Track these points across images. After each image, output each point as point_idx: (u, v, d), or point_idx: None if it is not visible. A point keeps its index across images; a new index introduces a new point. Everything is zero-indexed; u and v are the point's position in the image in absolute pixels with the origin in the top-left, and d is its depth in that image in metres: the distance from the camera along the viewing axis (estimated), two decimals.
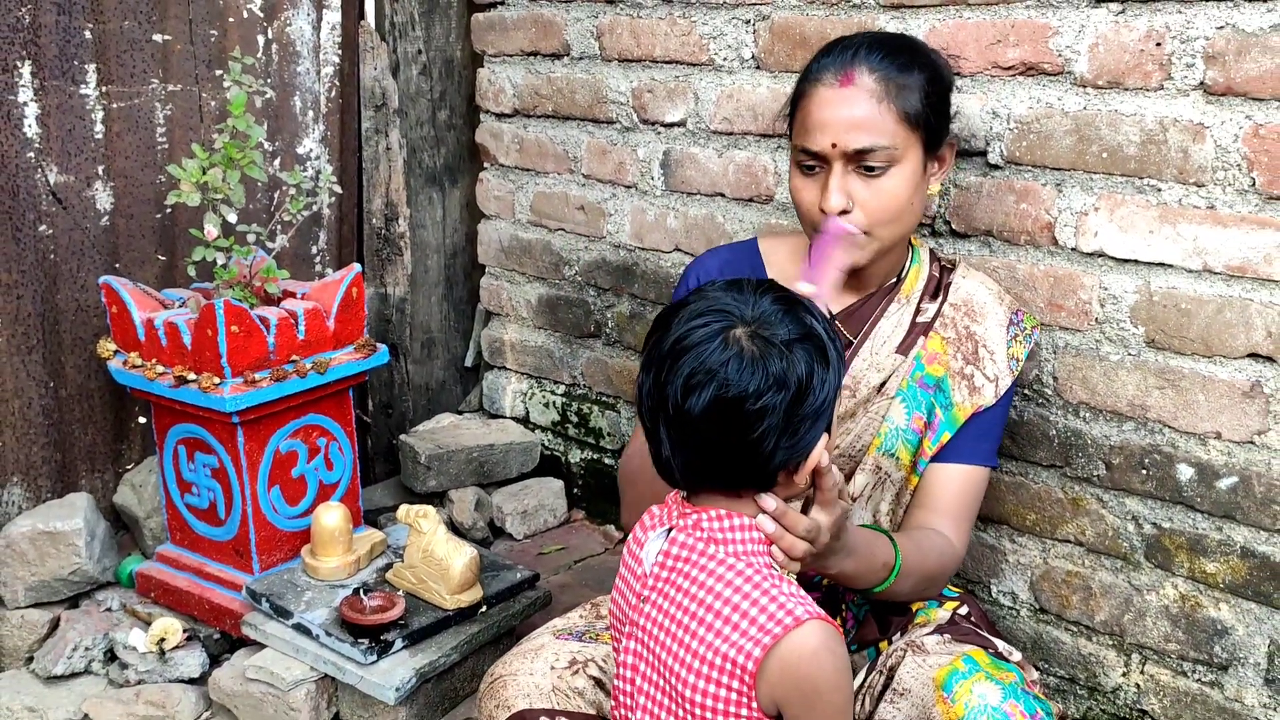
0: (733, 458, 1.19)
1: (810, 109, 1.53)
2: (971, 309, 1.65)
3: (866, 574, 1.44)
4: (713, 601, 1.18)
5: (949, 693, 1.40)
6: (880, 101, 1.50)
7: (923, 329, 1.64)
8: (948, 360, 1.63)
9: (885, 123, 1.50)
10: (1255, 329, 1.60)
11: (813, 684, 1.15)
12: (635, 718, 1.25)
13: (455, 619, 1.94)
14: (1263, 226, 1.56)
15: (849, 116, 1.49)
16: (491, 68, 2.61)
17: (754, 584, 1.18)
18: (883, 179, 1.51)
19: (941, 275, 1.68)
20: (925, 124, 1.53)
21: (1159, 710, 1.79)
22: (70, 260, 2.17)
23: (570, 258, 2.56)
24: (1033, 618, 1.93)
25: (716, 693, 1.17)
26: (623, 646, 1.28)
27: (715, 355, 1.16)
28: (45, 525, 2.07)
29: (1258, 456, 1.63)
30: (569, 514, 2.68)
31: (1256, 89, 1.54)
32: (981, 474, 1.62)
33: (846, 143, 1.49)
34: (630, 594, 1.28)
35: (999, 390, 1.63)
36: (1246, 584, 1.67)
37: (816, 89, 1.53)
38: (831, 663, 1.15)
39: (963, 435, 1.62)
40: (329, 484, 2.16)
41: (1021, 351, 1.65)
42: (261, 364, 1.96)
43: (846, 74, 1.51)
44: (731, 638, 1.16)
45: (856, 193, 1.51)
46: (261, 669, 1.87)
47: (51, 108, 2.08)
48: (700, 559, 1.21)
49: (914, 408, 1.61)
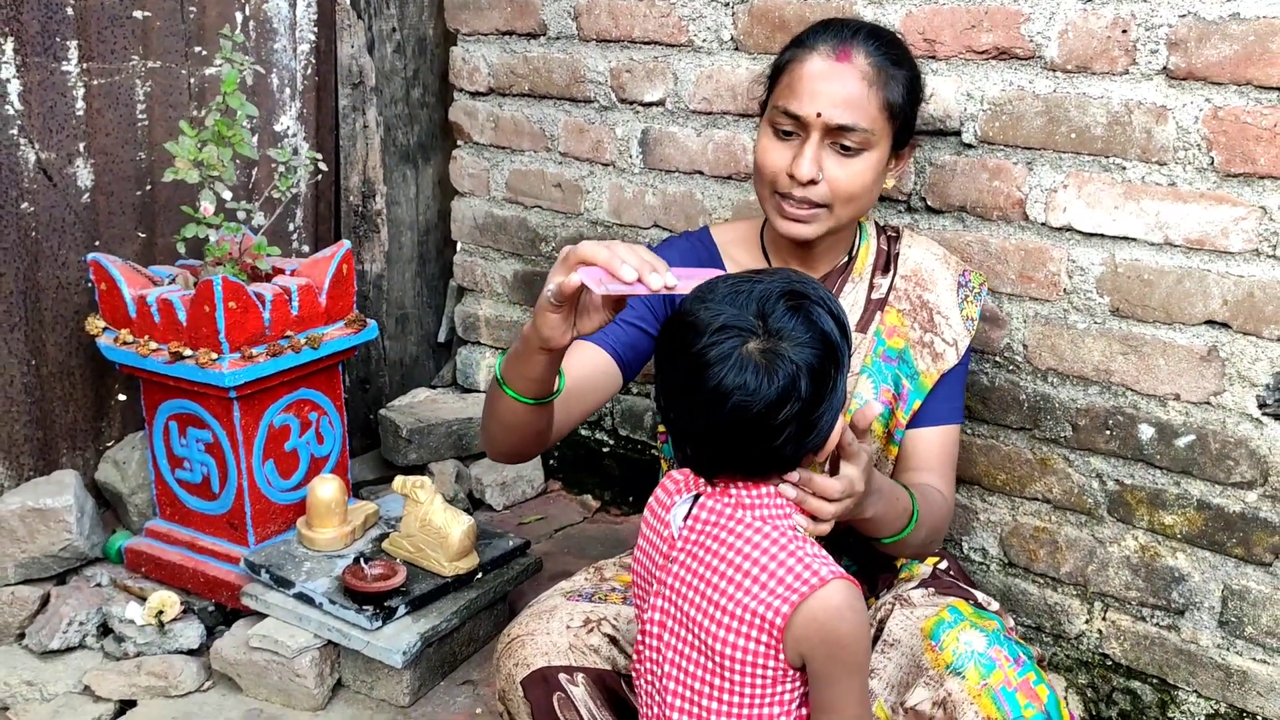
0: (755, 460, 1.26)
1: (801, 74, 1.56)
2: (921, 278, 1.73)
3: (891, 518, 1.50)
4: (741, 561, 1.26)
5: (937, 641, 1.49)
6: (870, 85, 1.55)
7: (878, 304, 1.71)
8: (906, 331, 1.70)
9: (870, 107, 1.55)
10: (1212, 297, 1.72)
11: (837, 638, 1.23)
12: (663, 670, 1.33)
13: (454, 585, 2.00)
14: (1220, 202, 1.69)
15: (840, 91, 1.54)
16: (465, 46, 2.64)
17: (780, 545, 1.25)
18: (854, 160, 1.56)
19: (889, 247, 1.75)
20: (901, 118, 1.59)
21: (1119, 654, 1.93)
22: (51, 238, 2.16)
23: (547, 234, 2.61)
24: (1002, 571, 2.04)
25: (745, 645, 1.25)
26: (649, 604, 1.35)
27: (731, 376, 1.19)
28: (35, 502, 2.08)
29: (1213, 416, 1.76)
30: (546, 485, 2.74)
31: (1216, 74, 1.65)
32: (956, 430, 1.73)
33: (832, 116, 1.53)
34: (657, 555, 1.35)
35: (959, 351, 1.71)
36: (1202, 534, 1.80)
37: (810, 56, 1.56)
38: (854, 618, 1.23)
39: (933, 399, 1.70)
40: (320, 457, 2.20)
41: (974, 310, 1.74)
42: (257, 339, 1.99)
43: (844, 50, 1.56)
44: (760, 595, 1.24)
45: (827, 167, 1.56)
46: (265, 637, 1.91)
47: (33, 84, 2.07)
48: (729, 522, 1.28)
49: (880, 381, 1.69)
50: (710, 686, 1.29)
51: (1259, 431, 1.72)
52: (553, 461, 2.75)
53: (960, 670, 1.44)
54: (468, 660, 2.06)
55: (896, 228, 1.79)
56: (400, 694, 1.92)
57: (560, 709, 1.52)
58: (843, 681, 1.25)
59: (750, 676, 1.26)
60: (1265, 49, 1.60)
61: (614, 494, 2.66)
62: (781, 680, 1.27)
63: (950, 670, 1.45)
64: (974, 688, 1.43)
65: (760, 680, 1.26)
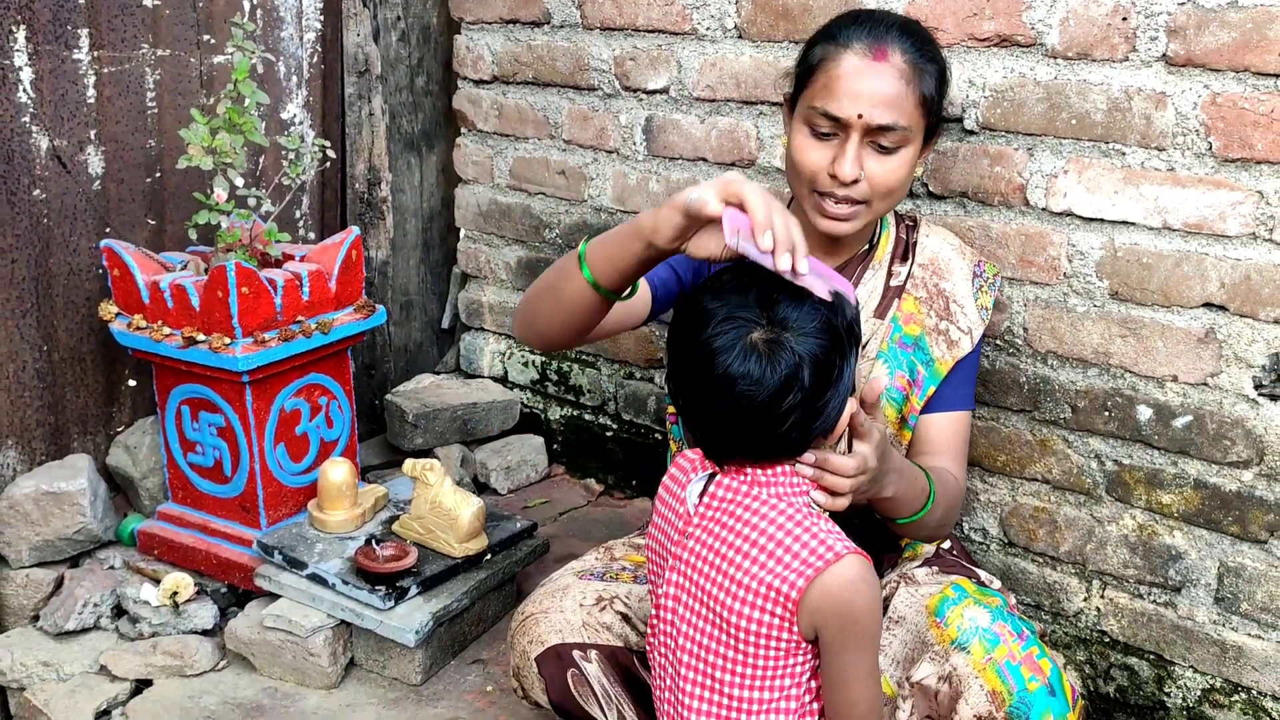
0: (763, 445, 1.29)
1: (838, 75, 1.56)
2: (938, 267, 1.76)
3: (910, 498, 1.53)
4: (757, 537, 1.29)
5: (941, 618, 1.53)
6: (908, 83, 1.55)
7: (896, 291, 1.75)
8: (923, 319, 1.74)
9: (908, 103, 1.56)
10: (1210, 280, 1.75)
11: (850, 611, 1.26)
12: (677, 644, 1.36)
13: (464, 566, 2.04)
14: (1218, 187, 1.72)
15: (880, 92, 1.54)
16: (469, 35, 2.66)
17: (795, 521, 1.29)
18: (892, 157, 1.58)
19: (908, 236, 1.78)
20: (934, 111, 1.61)
21: (1117, 630, 1.97)
22: (63, 224, 2.18)
23: (551, 221, 2.64)
24: (1001, 551, 2.08)
25: (760, 618, 1.29)
26: (664, 579, 1.38)
27: (735, 365, 1.24)
28: (49, 486, 2.10)
29: (1210, 397, 1.79)
30: (549, 469, 2.78)
31: (1214, 61, 1.69)
32: (968, 416, 1.76)
33: (873, 117, 1.54)
34: (672, 531, 1.39)
35: (974, 340, 1.75)
36: (1199, 513, 1.84)
37: (845, 56, 1.56)
38: (867, 592, 1.27)
39: (946, 385, 1.74)
40: (329, 441, 2.23)
41: (988, 300, 1.78)
42: (269, 324, 2.01)
43: (880, 49, 1.55)
44: (776, 569, 1.27)
45: (866, 165, 1.57)
46: (280, 617, 1.94)
47: (45, 72, 2.09)
48: (744, 499, 1.32)
49: (896, 367, 1.72)
50: (723, 659, 1.32)
51: (1255, 412, 1.75)
52: (556, 446, 2.78)
53: (965, 645, 1.48)
54: (477, 640, 2.09)
55: (914, 217, 1.81)
56: (412, 672, 1.95)
57: (574, 685, 1.56)
58: (855, 654, 1.29)
59: (763, 649, 1.30)
60: (1263, 36, 1.63)
61: (617, 478, 2.69)
62: (793, 653, 1.30)
63: (955, 645, 1.48)
64: (979, 662, 1.46)
65: (773, 652, 1.30)
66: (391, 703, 1.93)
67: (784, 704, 1.32)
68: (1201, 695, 1.88)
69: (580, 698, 1.56)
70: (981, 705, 1.44)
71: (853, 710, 1.31)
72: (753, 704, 1.33)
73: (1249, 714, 1.83)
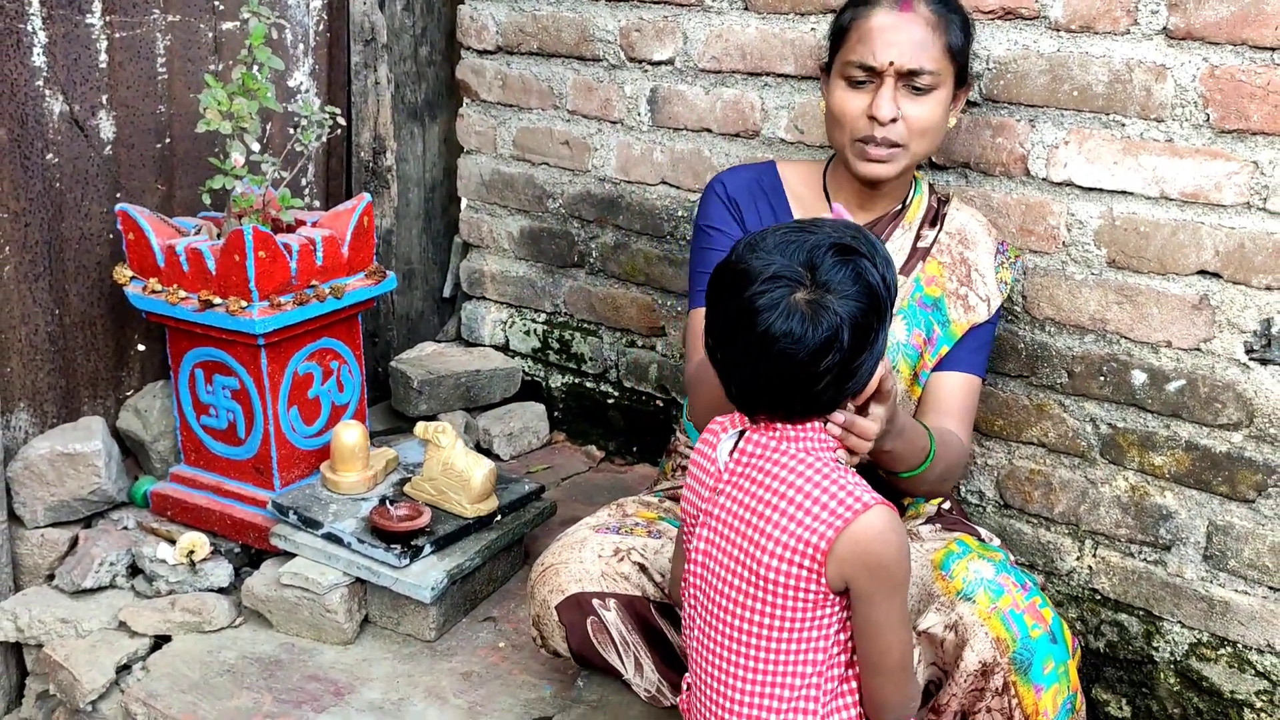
0: (796, 402, 1.34)
1: (869, 28, 1.70)
2: (965, 237, 1.85)
3: (909, 454, 1.60)
4: (786, 490, 1.34)
5: (947, 571, 1.59)
6: (934, 30, 1.69)
7: (922, 254, 1.83)
8: (944, 282, 1.82)
9: (935, 49, 1.69)
10: (1205, 249, 1.82)
11: (879, 560, 1.30)
12: (708, 598, 1.41)
13: (475, 526, 2.08)
14: (1214, 157, 1.78)
15: (908, 39, 1.68)
16: (473, 5, 2.69)
17: (824, 474, 1.33)
18: (925, 98, 1.71)
19: (939, 206, 1.88)
20: (960, 58, 1.73)
21: (1108, 588, 2.04)
22: (75, 189, 2.20)
23: (554, 191, 2.67)
24: (997, 513, 2.15)
25: (790, 570, 1.33)
26: (696, 534, 1.43)
27: (778, 323, 1.27)
28: (64, 447, 2.13)
29: (1203, 361, 1.86)
30: (550, 436, 2.82)
31: (1213, 34, 1.74)
32: (978, 382, 1.83)
33: (904, 62, 1.68)
34: (704, 489, 1.43)
35: (991, 308, 1.83)
36: (1189, 474, 1.91)
37: (873, 12, 1.71)
38: (896, 540, 1.31)
39: (961, 347, 1.80)
40: (340, 405, 2.26)
41: (1008, 275, 1.87)
42: (284, 289, 2.04)
43: (906, 2, 1.70)
44: (805, 521, 1.32)
45: (903, 106, 1.70)
46: (297, 575, 1.98)
47: (59, 37, 2.11)
48: (774, 454, 1.36)
49: (914, 324, 1.79)
50: (753, 612, 1.36)
51: (1245, 376, 1.82)
52: (557, 413, 2.82)
53: (970, 596, 1.54)
54: (487, 598, 2.14)
55: (947, 193, 1.92)
56: (426, 629, 2.00)
57: (593, 632, 1.61)
58: (885, 601, 1.33)
59: (792, 600, 1.34)
60: (1260, 10, 1.69)
61: (618, 444, 2.74)
62: (822, 604, 1.34)
63: (961, 596, 1.54)
64: (984, 611, 1.52)
65: (801, 604, 1.34)
66: (406, 657, 1.97)
67: (812, 655, 1.36)
68: (1189, 649, 1.95)
69: (599, 645, 1.62)
70: (987, 651, 1.50)
71: (886, 657, 1.35)
72: (784, 655, 1.36)
73: (1234, 666, 1.91)
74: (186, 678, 1.90)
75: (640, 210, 2.53)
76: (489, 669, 1.95)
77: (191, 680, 1.89)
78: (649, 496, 1.89)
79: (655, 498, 1.88)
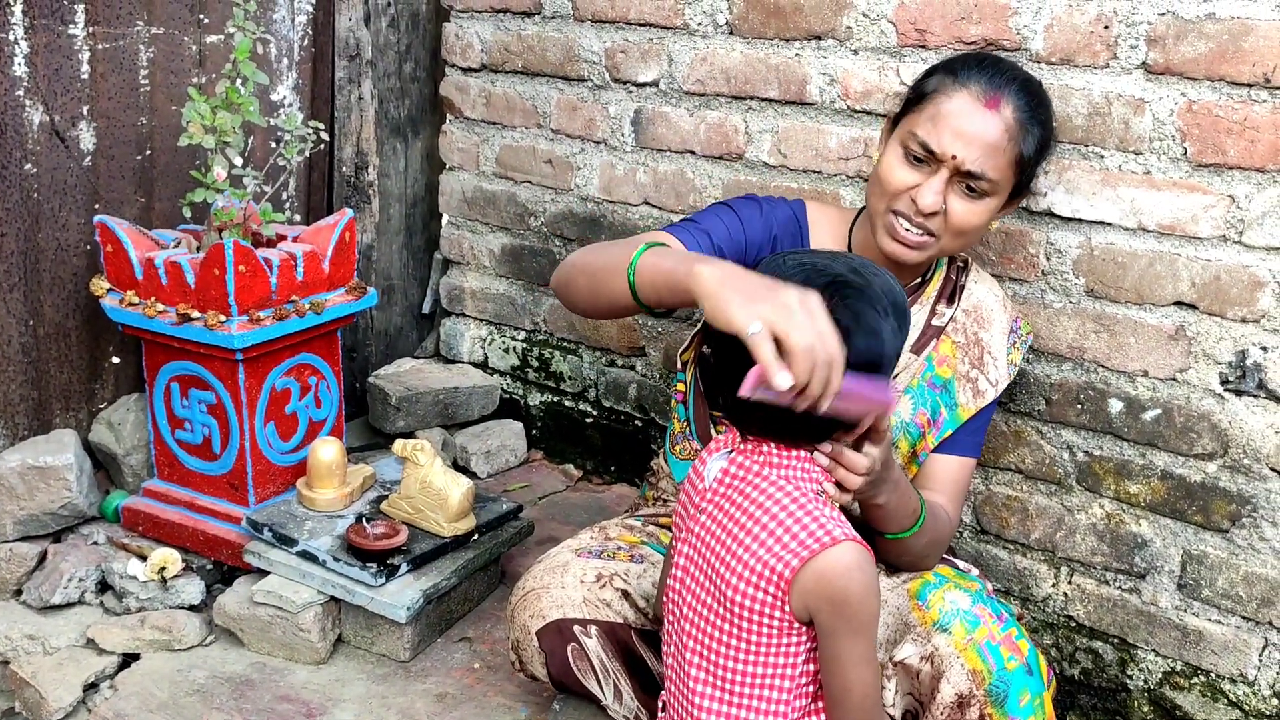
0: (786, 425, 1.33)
1: (946, 110, 1.59)
2: (980, 316, 1.79)
3: (899, 513, 1.57)
4: (761, 515, 1.34)
5: (923, 601, 1.59)
6: (1011, 139, 1.59)
7: (936, 332, 1.78)
8: (956, 364, 1.77)
9: (1003, 159, 1.59)
10: (1181, 280, 1.84)
11: (843, 595, 1.30)
12: (682, 614, 1.41)
13: (452, 546, 2.07)
14: (1191, 190, 1.80)
15: (981, 139, 1.57)
16: (459, 23, 2.69)
17: (800, 505, 1.33)
18: (975, 202, 1.62)
19: (957, 277, 1.82)
20: (1026, 172, 1.65)
21: (1083, 615, 2.05)
22: (53, 199, 2.18)
23: (536, 209, 2.67)
24: (974, 538, 2.16)
25: (755, 595, 1.33)
26: (678, 550, 1.43)
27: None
28: (35, 460, 2.11)
29: (1179, 391, 1.88)
30: (528, 454, 2.81)
31: (1191, 69, 1.76)
32: (973, 464, 1.80)
33: (966, 161, 1.58)
34: (690, 505, 1.44)
35: (998, 392, 1.79)
36: (1164, 502, 1.92)
37: (959, 94, 1.59)
38: (861, 580, 1.30)
39: (962, 430, 1.77)
40: (318, 421, 2.25)
41: (1018, 357, 1.83)
42: (264, 303, 2.03)
43: (995, 98, 1.58)
44: (774, 549, 1.32)
45: (949, 201, 1.61)
46: (270, 593, 1.96)
47: (40, 46, 2.09)
48: (756, 479, 1.36)
49: (920, 404, 1.76)
50: (722, 633, 1.37)
51: (1220, 406, 1.84)
52: (535, 432, 2.81)
53: (947, 627, 1.54)
54: (463, 619, 2.13)
55: (965, 259, 1.84)
56: (400, 649, 1.98)
57: (574, 658, 1.60)
58: (847, 639, 1.32)
59: (758, 626, 1.35)
60: (1238, 47, 1.71)
61: (596, 463, 2.73)
62: (788, 632, 1.35)
63: (937, 627, 1.54)
64: (960, 642, 1.52)
65: (767, 630, 1.35)
66: (380, 678, 1.95)
67: (778, 681, 1.37)
68: (1162, 678, 1.96)
69: (579, 672, 1.61)
70: (963, 684, 1.50)
71: (847, 696, 1.35)
72: (748, 678, 1.37)
73: (1207, 696, 1.92)
74: (155, 697, 1.88)
75: (622, 230, 2.53)
76: (464, 690, 1.93)
77: (160, 700, 1.87)
78: (632, 520, 1.89)
79: (638, 521, 1.87)
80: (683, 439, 1.87)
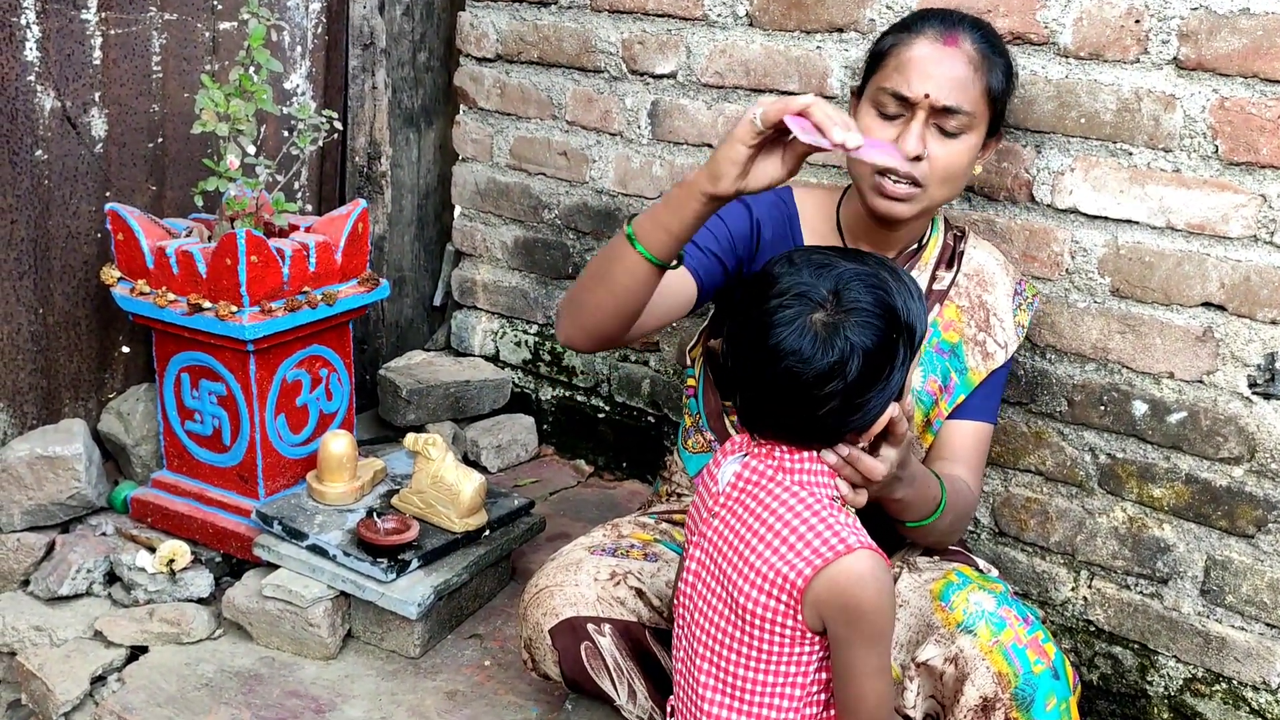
0: (796, 424, 1.31)
1: (909, 57, 1.62)
2: (983, 279, 1.79)
3: (919, 504, 1.55)
4: (774, 522, 1.31)
5: (946, 602, 1.56)
6: (975, 70, 1.62)
7: (939, 296, 1.77)
8: (962, 328, 1.76)
9: (973, 90, 1.62)
10: (1210, 280, 1.80)
11: (856, 605, 1.27)
12: (693, 619, 1.38)
13: (463, 541, 2.04)
14: (1222, 189, 1.77)
15: (948, 74, 1.61)
16: (474, 12, 2.66)
17: (813, 511, 1.31)
18: (954, 141, 1.63)
19: (955, 244, 1.81)
20: (998, 105, 1.67)
21: (1103, 620, 2.02)
22: (64, 186, 2.16)
23: (550, 201, 2.64)
24: (992, 540, 2.13)
25: (767, 603, 1.30)
26: (690, 554, 1.41)
27: (790, 339, 1.26)
28: (44, 450, 2.08)
29: (1205, 394, 1.84)
30: (539, 449, 2.79)
31: (1224, 65, 1.73)
32: (990, 429, 1.78)
33: (939, 97, 1.60)
34: (703, 509, 1.41)
35: (1008, 354, 1.78)
36: (1188, 507, 1.89)
37: (916, 41, 1.63)
38: (875, 588, 1.27)
39: (975, 395, 1.76)
40: (328, 413, 2.22)
41: (1025, 318, 1.82)
42: (276, 294, 2.00)
43: (951, 36, 1.63)
44: (787, 556, 1.29)
45: (930, 146, 1.62)
46: (280, 587, 1.94)
47: (52, 31, 2.06)
48: (769, 484, 1.34)
49: (930, 371, 1.74)
50: (733, 639, 1.34)
51: (1248, 410, 1.80)
52: (546, 426, 2.79)
53: (972, 628, 1.51)
54: (473, 615, 2.10)
55: (962, 227, 1.85)
56: (411, 645, 1.96)
57: (587, 658, 1.58)
58: (861, 649, 1.29)
59: (769, 634, 1.32)
60: (1273, 43, 1.68)
61: (607, 459, 2.71)
62: (800, 641, 1.32)
63: (961, 629, 1.51)
64: (986, 644, 1.49)
65: (779, 639, 1.32)
66: (390, 674, 1.93)
67: (789, 690, 1.34)
68: (1183, 684, 1.93)
69: (593, 671, 1.58)
70: (988, 686, 1.48)
71: (859, 705, 1.32)
72: (759, 686, 1.34)
73: (1229, 703, 1.89)
74: (163, 690, 1.85)
75: None
76: (474, 688, 1.91)
77: (168, 693, 1.85)
78: (644, 518, 1.86)
79: (651, 519, 1.84)
80: (694, 433, 1.85)
